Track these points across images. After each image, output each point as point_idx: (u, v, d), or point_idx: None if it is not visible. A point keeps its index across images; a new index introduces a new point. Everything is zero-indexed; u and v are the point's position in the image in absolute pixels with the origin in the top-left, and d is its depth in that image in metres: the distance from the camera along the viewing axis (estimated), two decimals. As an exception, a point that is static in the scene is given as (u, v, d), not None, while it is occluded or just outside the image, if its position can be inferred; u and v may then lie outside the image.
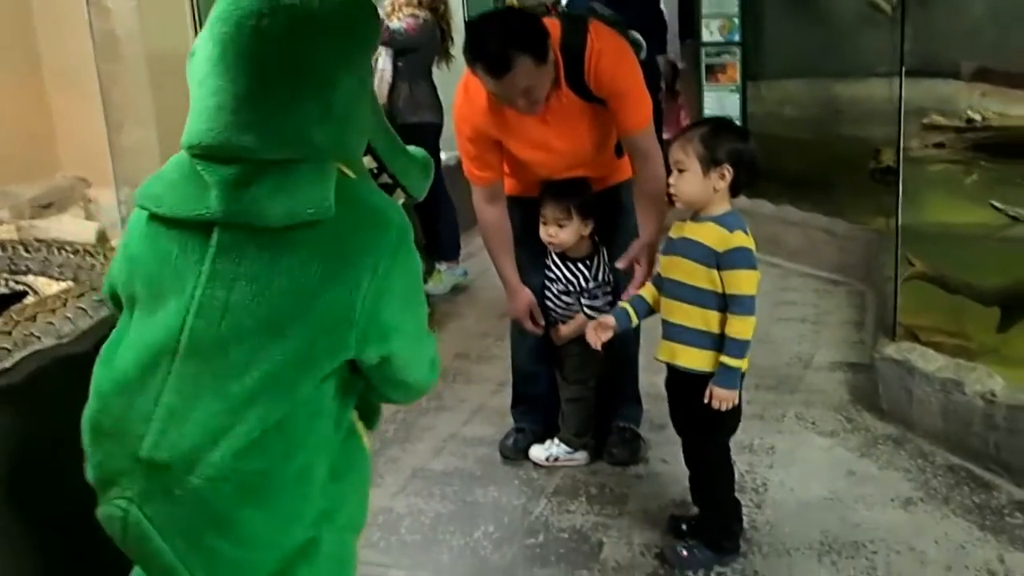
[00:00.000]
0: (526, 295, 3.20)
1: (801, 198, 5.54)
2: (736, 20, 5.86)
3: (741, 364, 2.49)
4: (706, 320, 2.51)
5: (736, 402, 2.54)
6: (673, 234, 2.61)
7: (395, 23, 4.99)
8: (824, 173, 5.67)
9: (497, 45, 2.67)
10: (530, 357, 3.39)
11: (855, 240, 5.13)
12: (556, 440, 3.32)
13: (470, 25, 3.04)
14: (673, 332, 2.58)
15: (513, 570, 2.73)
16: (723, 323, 2.49)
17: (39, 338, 2.32)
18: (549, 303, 3.23)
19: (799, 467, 3.19)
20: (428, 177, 1.91)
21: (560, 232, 3.07)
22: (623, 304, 2.79)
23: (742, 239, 2.47)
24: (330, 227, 1.51)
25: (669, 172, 2.56)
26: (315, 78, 1.52)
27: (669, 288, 2.60)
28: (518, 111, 2.86)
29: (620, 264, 3.01)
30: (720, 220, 2.49)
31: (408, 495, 3.19)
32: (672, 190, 2.53)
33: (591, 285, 3.15)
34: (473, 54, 2.73)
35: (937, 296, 3.75)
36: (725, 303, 2.48)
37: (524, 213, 3.16)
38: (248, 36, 1.50)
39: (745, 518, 2.87)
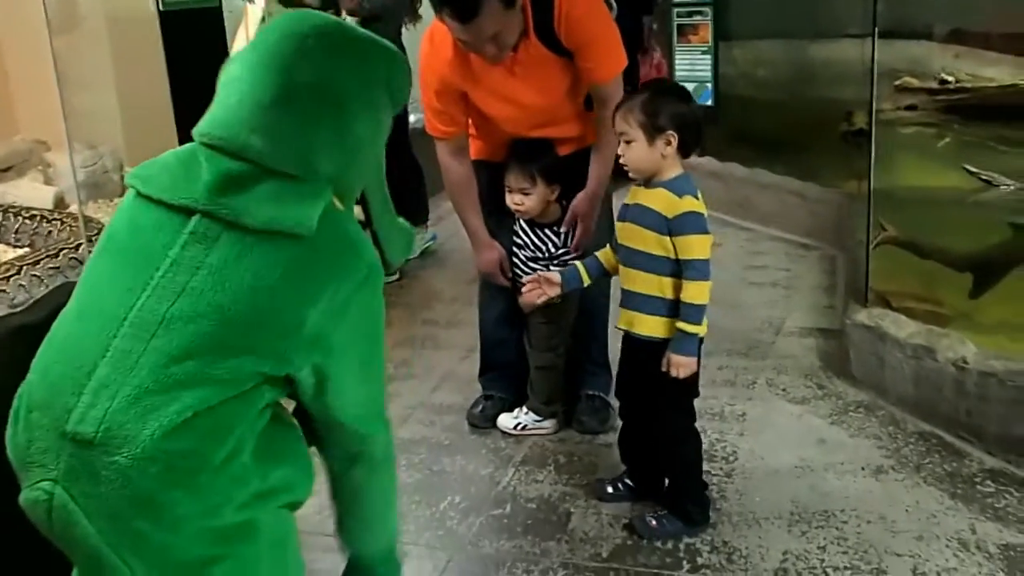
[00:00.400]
0: (495, 249, 3.16)
1: (773, 161, 5.49)
2: (708, -21, 5.77)
3: (698, 329, 2.49)
4: (661, 287, 2.50)
5: (695, 368, 2.52)
6: (628, 200, 2.59)
7: None
8: (797, 135, 5.63)
9: None
10: (498, 324, 3.34)
11: (827, 203, 5.09)
12: (524, 408, 3.28)
13: None
14: (631, 300, 2.57)
15: (479, 541, 2.69)
16: (678, 289, 2.48)
17: (-8, 307, 2.26)
18: (517, 270, 3.17)
19: (769, 435, 3.16)
20: (408, 250, 1.96)
21: (526, 200, 3.01)
22: (576, 263, 2.77)
23: (691, 203, 2.46)
24: (306, 244, 1.53)
25: None
26: (337, 110, 1.59)
27: (625, 256, 2.58)
28: (486, 59, 2.79)
29: (563, 227, 3.02)
30: (670, 185, 2.48)
31: (374, 465, 3.13)
32: (622, 161, 2.52)
33: (560, 252, 3.08)
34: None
35: (909, 261, 3.72)
36: (679, 268, 2.47)
37: (490, 177, 3.10)
38: (289, 49, 1.58)
39: (714, 487, 2.84)
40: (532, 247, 3.10)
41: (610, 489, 2.83)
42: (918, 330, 3.17)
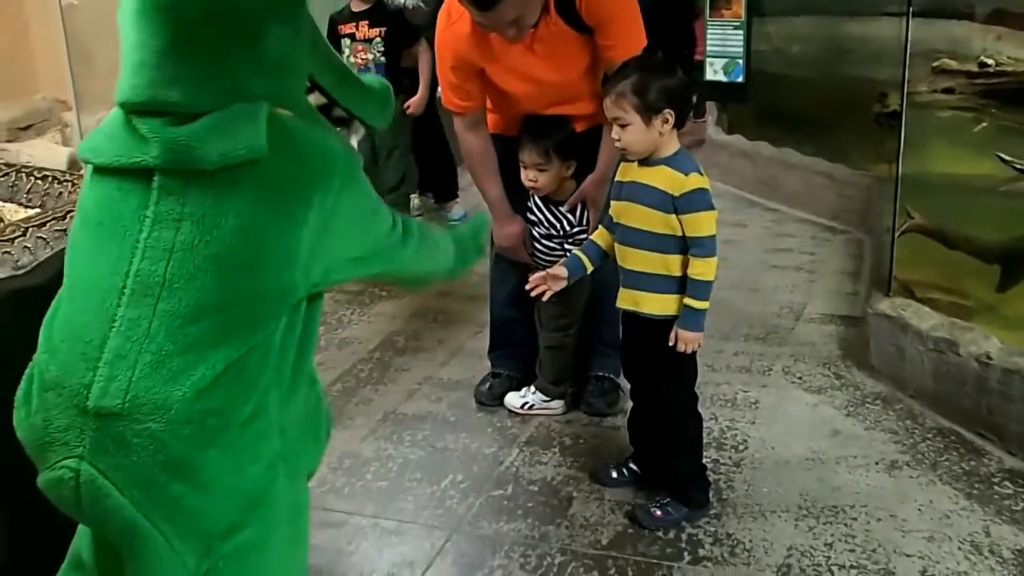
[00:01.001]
0: (516, 222, 3.09)
1: (803, 140, 5.37)
2: (743, -49, 5.61)
3: (705, 305, 2.44)
4: (667, 265, 2.45)
5: (702, 343, 2.49)
6: (621, 177, 2.53)
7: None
8: (829, 115, 5.49)
9: None
10: (508, 302, 3.28)
11: (856, 186, 4.98)
12: (532, 388, 3.22)
13: None
14: (634, 279, 2.51)
15: (477, 522, 2.64)
16: (684, 266, 2.43)
17: (-6, 268, 2.22)
18: (530, 247, 3.09)
19: (782, 424, 3.07)
20: (387, 107, 1.87)
21: (540, 176, 2.93)
22: (576, 251, 2.70)
23: (697, 180, 2.41)
24: (271, 165, 1.48)
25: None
26: (242, 31, 1.49)
27: (624, 235, 2.51)
28: (505, 39, 2.72)
29: (567, 207, 2.96)
30: (672, 162, 2.42)
31: (377, 439, 3.09)
32: (619, 145, 2.44)
33: (575, 230, 3.00)
34: None
35: (935, 250, 3.60)
36: (685, 246, 2.42)
37: (505, 152, 3.03)
38: None
39: (722, 477, 2.78)
40: (546, 224, 3.03)
41: (614, 474, 2.76)
42: (941, 322, 3.07)
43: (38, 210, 2.99)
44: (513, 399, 3.23)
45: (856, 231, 4.86)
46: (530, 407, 3.20)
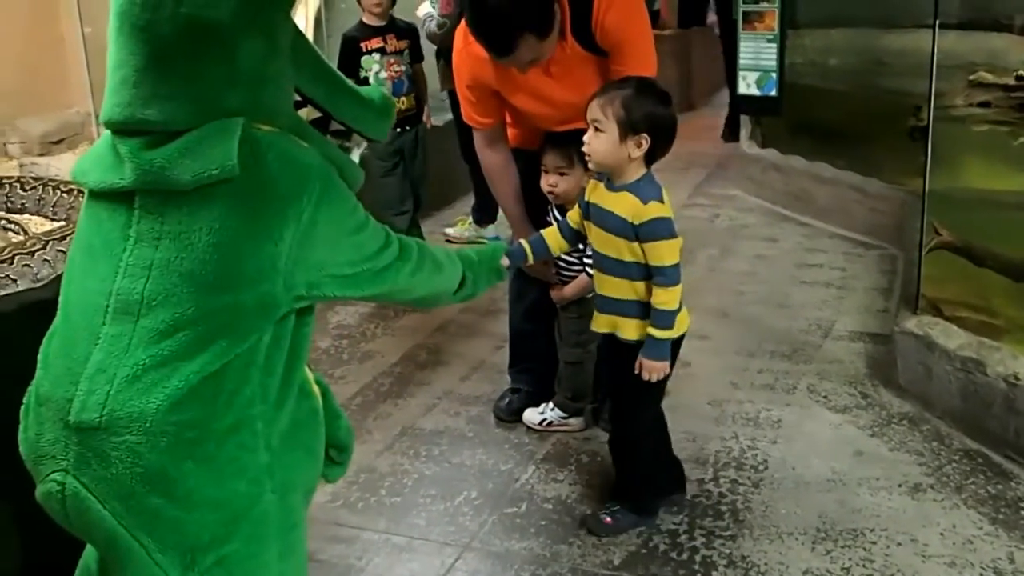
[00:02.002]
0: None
1: (836, 154, 5.29)
2: (776, -36, 5.55)
3: (669, 334, 2.41)
4: (636, 291, 2.43)
5: (668, 372, 2.45)
6: (587, 196, 2.50)
7: (434, 22, 4.80)
8: (863, 129, 5.40)
9: (500, 27, 2.55)
10: (527, 316, 3.26)
11: (889, 201, 4.89)
12: (551, 404, 3.18)
13: None
14: (608, 305, 2.50)
15: (489, 539, 2.61)
16: (651, 292, 2.40)
17: (15, 281, 2.25)
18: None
19: (804, 444, 3.01)
20: (387, 118, 1.87)
21: (561, 181, 2.89)
22: (522, 242, 2.65)
23: (657, 208, 2.36)
24: (244, 182, 1.48)
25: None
26: (215, 45, 1.48)
27: (597, 260, 2.51)
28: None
29: None
30: (634, 189, 2.38)
31: (394, 454, 3.08)
32: (585, 148, 2.41)
33: (594, 243, 2.97)
34: (474, 29, 2.61)
35: (964, 268, 3.52)
36: (649, 272, 2.39)
37: (524, 165, 3.02)
38: (140, 7, 1.46)
39: (739, 497, 2.72)
40: (564, 238, 3.00)
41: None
42: (968, 341, 2.99)
43: (63, 223, 3.02)
44: (531, 415, 3.20)
45: (890, 247, 4.78)
46: (548, 423, 3.17)
